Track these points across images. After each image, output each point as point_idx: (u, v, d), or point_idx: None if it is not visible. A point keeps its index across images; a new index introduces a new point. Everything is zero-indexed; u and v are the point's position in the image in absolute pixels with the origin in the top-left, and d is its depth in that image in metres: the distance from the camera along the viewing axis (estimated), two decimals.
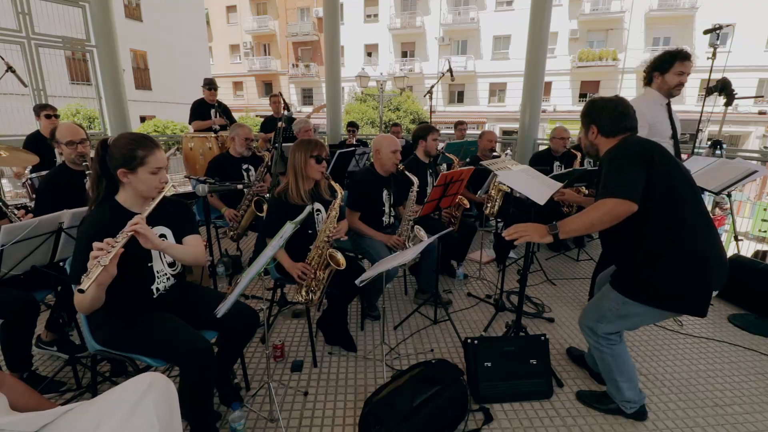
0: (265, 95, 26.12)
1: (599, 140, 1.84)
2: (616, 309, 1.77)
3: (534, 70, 5.80)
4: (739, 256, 3.33)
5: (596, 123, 1.83)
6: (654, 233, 1.64)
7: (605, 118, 1.80)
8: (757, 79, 17.46)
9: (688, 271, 1.60)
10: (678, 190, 1.63)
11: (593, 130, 1.84)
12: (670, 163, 1.66)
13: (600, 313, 1.84)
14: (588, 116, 1.87)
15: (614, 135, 1.79)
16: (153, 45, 17.32)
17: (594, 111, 1.84)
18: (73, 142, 2.30)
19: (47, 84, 5.54)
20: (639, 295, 1.70)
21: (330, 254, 2.18)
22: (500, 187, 3.65)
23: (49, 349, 2.34)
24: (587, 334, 1.93)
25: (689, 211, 1.63)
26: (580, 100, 20.97)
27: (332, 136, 7.63)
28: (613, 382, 1.91)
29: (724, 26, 3.73)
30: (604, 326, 1.83)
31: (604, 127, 1.81)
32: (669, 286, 1.63)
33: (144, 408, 1.03)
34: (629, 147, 1.70)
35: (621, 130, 1.78)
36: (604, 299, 1.84)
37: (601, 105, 1.82)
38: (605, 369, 1.92)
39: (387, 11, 23.24)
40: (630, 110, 1.80)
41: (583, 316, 1.95)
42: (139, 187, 1.58)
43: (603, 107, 1.81)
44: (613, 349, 1.85)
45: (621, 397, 1.92)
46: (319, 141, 2.36)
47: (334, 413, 1.97)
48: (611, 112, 1.79)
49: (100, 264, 1.26)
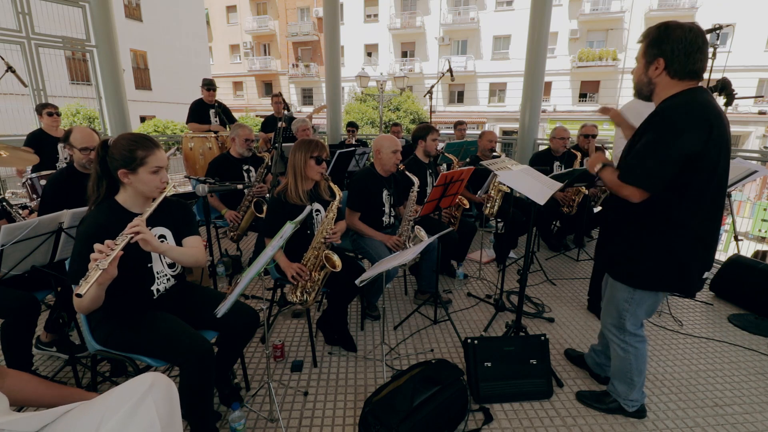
0: (265, 95, 26.15)
1: (661, 79, 1.53)
2: (632, 299, 1.75)
3: (534, 70, 5.80)
4: (739, 256, 3.33)
5: (666, 56, 1.48)
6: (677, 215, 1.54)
7: (680, 53, 1.46)
8: (757, 79, 17.44)
9: (692, 255, 1.58)
10: (717, 172, 1.49)
11: (659, 64, 1.51)
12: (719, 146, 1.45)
13: (618, 308, 1.81)
14: (658, 44, 1.50)
15: (682, 78, 1.49)
16: (153, 45, 17.32)
17: (669, 41, 1.47)
18: (88, 148, 2.31)
19: (47, 84, 5.55)
20: (644, 282, 1.69)
21: (326, 256, 2.18)
22: (500, 187, 3.65)
23: (49, 350, 2.34)
24: (614, 335, 1.88)
25: (710, 195, 1.52)
26: (580, 100, 20.97)
27: (332, 136, 7.63)
28: (629, 383, 1.89)
29: (724, 26, 3.72)
30: (629, 321, 1.79)
31: (674, 64, 1.48)
32: (672, 270, 1.61)
33: (145, 408, 1.03)
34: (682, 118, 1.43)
35: (693, 73, 1.49)
36: (616, 293, 1.81)
37: (680, 35, 1.46)
38: (624, 369, 1.87)
39: (387, 11, 23.23)
40: (707, 48, 1.49)
41: (604, 318, 1.94)
42: (140, 187, 1.58)
43: (681, 38, 1.45)
44: (638, 349, 1.83)
45: (627, 396, 1.91)
46: (320, 142, 2.36)
47: (334, 413, 1.97)
48: (690, 46, 1.45)
49: (98, 267, 1.26)
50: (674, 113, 1.46)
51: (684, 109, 1.45)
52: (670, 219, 1.56)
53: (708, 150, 1.44)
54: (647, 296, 1.73)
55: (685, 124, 1.43)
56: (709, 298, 3.30)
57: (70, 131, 2.40)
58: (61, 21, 5.87)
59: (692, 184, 1.49)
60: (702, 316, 3.02)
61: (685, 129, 1.42)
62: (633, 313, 1.78)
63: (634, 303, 1.75)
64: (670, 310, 3.05)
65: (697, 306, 3.18)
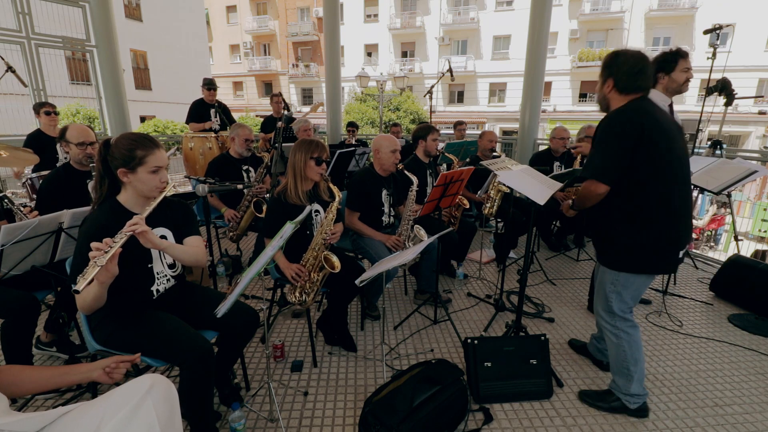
0: (265, 95, 26.14)
1: (612, 95, 1.83)
2: (617, 281, 1.88)
3: (534, 70, 5.80)
4: (739, 256, 3.33)
5: (614, 77, 1.80)
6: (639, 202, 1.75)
7: (623, 74, 1.78)
8: (757, 79, 17.44)
9: (661, 235, 1.76)
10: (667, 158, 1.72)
11: (609, 83, 1.83)
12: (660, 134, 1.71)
13: (605, 292, 1.93)
14: (608, 68, 1.83)
15: (627, 93, 1.78)
16: (153, 45, 17.32)
17: (614, 65, 1.81)
18: (84, 143, 2.34)
19: (47, 84, 5.54)
20: (626, 264, 1.84)
21: (325, 256, 2.18)
22: (500, 188, 3.65)
23: (48, 350, 2.34)
24: (605, 321, 1.97)
25: (672, 176, 1.74)
26: (580, 100, 20.97)
27: (332, 136, 7.63)
28: (625, 373, 1.92)
29: (724, 26, 3.73)
30: (615, 303, 1.90)
31: (620, 83, 1.79)
32: (650, 252, 1.79)
33: (145, 409, 1.03)
34: (618, 121, 1.73)
35: (635, 89, 1.77)
36: (603, 277, 1.95)
37: (623, 60, 1.78)
38: (620, 359, 1.93)
39: (387, 11, 23.23)
40: (649, 69, 1.78)
41: (595, 306, 2.04)
42: (140, 186, 1.58)
43: (624, 62, 1.78)
44: (630, 335, 1.90)
45: (627, 390, 1.92)
46: (320, 142, 2.35)
47: (334, 413, 1.97)
48: (631, 68, 1.76)
49: (96, 264, 1.26)
50: (611, 119, 1.76)
51: (618, 115, 1.76)
52: (636, 205, 1.77)
53: (645, 143, 1.68)
54: (631, 279, 1.86)
55: (618, 126, 1.73)
56: (709, 298, 3.30)
57: (65, 129, 2.42)
58: (61, 21, 5.87)
59: (646, 172, 1.72)
60: (702, 316, 3.02)
61: (618, 130, 1.72)
62: (619, 294, 1.90)
63: (619, 285, 1.89)
64: (668, 309, 3.05)
65: (697, 306, 3.18)
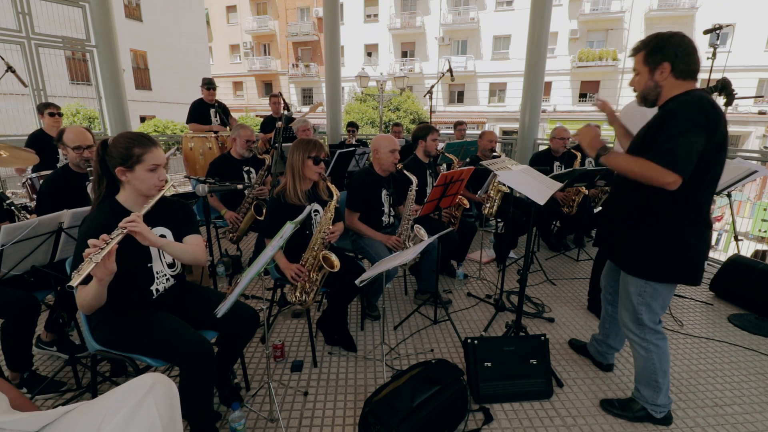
0: (265, 95, 26.11)
1: (668, 82, 1.60)
2: (644, 292, 1.76)
3: (534, 70, 5.80)
4: (739, 256, 3.33)
5: (671, 60, 1.56)
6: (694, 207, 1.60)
7: (683, 55, 1.55)
8: (757, 79, 17.43)
9: (701, 245, 1.64)
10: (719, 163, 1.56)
11: (664, 68, 1.58)
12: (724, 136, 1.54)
13: (633, 305, 1.81)
14: (660, 52, 1.58)
15: (686, 78, 1.58)
16: (153, 45, 17.31)
17: (670, 46, 1.57)
18: (80, 147, 2.32)
19: (47, 84, 5.55)
20: (658, 275, 1.70)
21: (324, 256, 2.18)
22: (500, 188, 3.65)
23: (49, 350, 2.34)
24: (633, 333, 1.85)
25: (713, 186, 1.60)
26: (580, 100, 20.96)
27: (332, 136, 7.63)
28: (654, 385, 1.85)
29: (724, 26, 3.73)
30: (646, 315, 1.78)
31: (679, 66, 1.56)
32: (684, 260, 1.65)
33: (146, 409, 1.03)
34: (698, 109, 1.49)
35: (694, 72, 1.59)
36: (628, 288, 1.81)
37: (678, 40, 1.56)
38: (648, 371, 1.85)
39: (387, 11, 23.22)
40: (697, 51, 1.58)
41: (621, 317, 1.92)
42: (138, 185, 1.58)
43: (680, 43, 1.56)
44: (660, 347, 1.81)
45: (654, 401, 1.87)
46: (319, 141, 2.35)
47: (334, 413, 1.97)
48: (687, 48, 1.55)
49: (92, 261, 1.26)
50: (689, 105, 1.52)
51: (698, 100, 1.51)
52: (684, 210, 1.60)
53: (717, 142, 1.51)
54: (660, 288, 1.74)
55: (701, 117, 1.49)
56: (709, 298, 3.30)
57: (63, 131, 2.41)
58: (61, 21, 5.87)
59: (709, 174, 1.55)
60: (702, 316, 3.02)
61: (703, 122, 1.48)
62: (648, 306, 1.77)
63: (647, 296, 1.76)
64: (670, 310, 3.05)
65: (697, 306, 3.18)
